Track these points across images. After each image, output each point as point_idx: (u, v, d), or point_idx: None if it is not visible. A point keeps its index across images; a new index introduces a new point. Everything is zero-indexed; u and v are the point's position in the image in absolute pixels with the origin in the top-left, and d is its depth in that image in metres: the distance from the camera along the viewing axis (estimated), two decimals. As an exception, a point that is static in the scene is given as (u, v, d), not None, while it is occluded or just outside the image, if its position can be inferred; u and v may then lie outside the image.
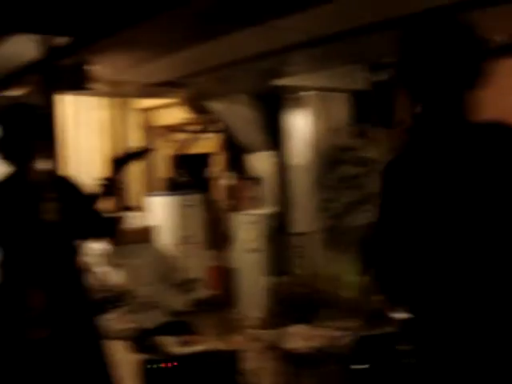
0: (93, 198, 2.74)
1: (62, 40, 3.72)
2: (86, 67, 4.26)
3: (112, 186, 2.73)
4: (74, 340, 2.58)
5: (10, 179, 2.60)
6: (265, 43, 3.99)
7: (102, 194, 2.73)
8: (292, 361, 4.04)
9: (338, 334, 4.10)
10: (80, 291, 2.73)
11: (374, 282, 1.70)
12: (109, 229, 2.82)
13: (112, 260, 5.46)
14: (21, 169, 2.56)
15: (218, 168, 6.44)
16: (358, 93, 5.46)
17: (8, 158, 2.57)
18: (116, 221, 2.80)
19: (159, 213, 6.25)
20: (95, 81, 4.59)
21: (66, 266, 2.67)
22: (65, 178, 2.77)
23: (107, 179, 2.74)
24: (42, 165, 2.55)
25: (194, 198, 6.34)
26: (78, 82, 4.28)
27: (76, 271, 2.75)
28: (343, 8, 3.24)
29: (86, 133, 6.62)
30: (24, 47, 3.84)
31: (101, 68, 4.50)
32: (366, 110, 5.30)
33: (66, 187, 2.71)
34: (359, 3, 3.23)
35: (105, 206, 2.78)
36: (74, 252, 2.73)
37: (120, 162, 2.77)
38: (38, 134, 2.57)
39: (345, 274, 4.92)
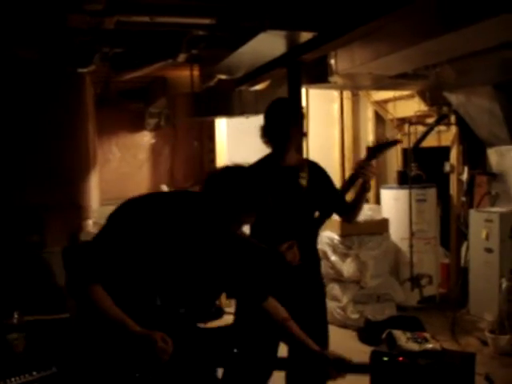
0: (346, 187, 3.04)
1: (307, 35, 3.85)
2: (327, 61, 4.37)
3: (365, 170, 2.92)
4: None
5: (268, 158, 3.06)
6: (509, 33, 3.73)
7: (352, 179, 3.00)
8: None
9: None
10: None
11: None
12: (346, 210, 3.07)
13: (343, 250, 5.58)
14: (278, 151, 3.01)
15: (453, 162, 6.22)
16: None
17: (270, 142, 3.03)
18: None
19: (391, 206, 6.22)
20: (334, 74, 4.68)
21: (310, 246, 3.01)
22: (314, 163, 3.11)
23: (361, 164, 2.97)
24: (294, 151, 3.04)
25: (427, 192, 6.22)
26: (320, 76, 4.42)
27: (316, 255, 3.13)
28: None
29: (318, 124, 6.85)
30: (271, 43, 4.05)
31: (340, 61, 4.57)
32: None
33: (315, 170, 3.05)
34: None
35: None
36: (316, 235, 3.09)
37: (374, 150, 3.01)
38: (293, 123, 2.98)
39: None
